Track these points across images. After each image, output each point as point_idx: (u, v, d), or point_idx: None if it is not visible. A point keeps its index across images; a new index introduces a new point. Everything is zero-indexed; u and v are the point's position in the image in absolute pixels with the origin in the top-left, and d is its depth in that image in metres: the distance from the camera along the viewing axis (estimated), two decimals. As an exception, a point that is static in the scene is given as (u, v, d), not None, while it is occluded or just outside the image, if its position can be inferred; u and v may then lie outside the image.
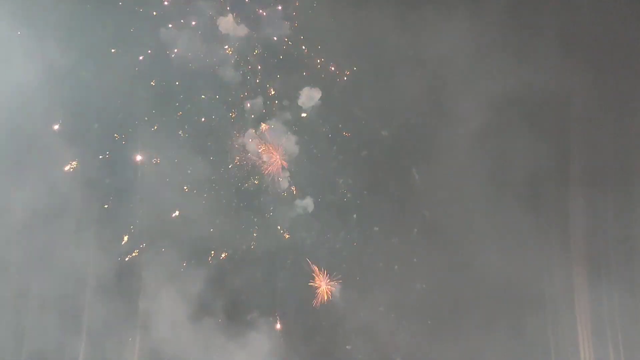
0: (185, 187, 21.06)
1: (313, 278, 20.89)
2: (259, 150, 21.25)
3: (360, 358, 20.68)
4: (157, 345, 19.71)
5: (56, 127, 20.15)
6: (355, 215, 21.63)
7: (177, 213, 20.88)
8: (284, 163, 21.34)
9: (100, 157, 20.69)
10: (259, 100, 21.81)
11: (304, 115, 21.78)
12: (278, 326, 20.83)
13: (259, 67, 21.87)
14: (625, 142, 21.19)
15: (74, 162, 20.16)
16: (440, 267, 20.86)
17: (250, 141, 21.35)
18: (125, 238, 20.55)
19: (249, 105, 21.74)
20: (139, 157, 20.95)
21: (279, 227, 21.38)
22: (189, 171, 21.03)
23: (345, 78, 21.99)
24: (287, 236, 21.33)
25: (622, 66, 21.15)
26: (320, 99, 21.64)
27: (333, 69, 21.95)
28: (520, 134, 21.23)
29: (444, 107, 21.46)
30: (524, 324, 20.50)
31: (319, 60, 21.92)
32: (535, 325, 20.57)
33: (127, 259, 20.44)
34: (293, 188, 21.50)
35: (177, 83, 21.32)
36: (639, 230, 20.51)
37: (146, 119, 21.11)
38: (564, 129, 21.52)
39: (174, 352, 19.80)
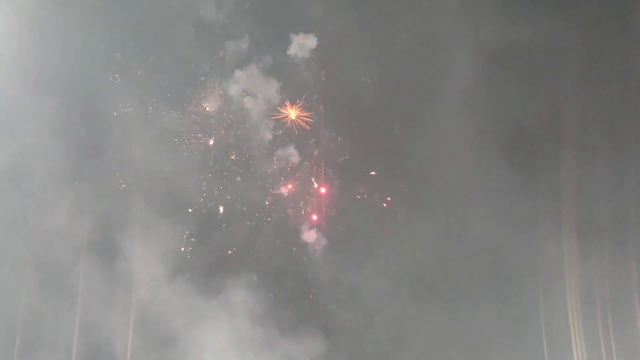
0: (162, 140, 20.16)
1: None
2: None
3: (345, 319, 20.16)
4: (138, 304, 19.07)
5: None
6: (340, 173, 20.92)
7: (156, 166, 19.81)
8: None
9: (75, 108, 19.26)
10: (243, 44, 20.71)
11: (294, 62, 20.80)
12: (261, 285, 20.03)
13: (247, 7, 20.76)
14: (618, 100, 20.47)
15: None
16: (429, 230, 20.20)
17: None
18: (105, 193, 19.62)
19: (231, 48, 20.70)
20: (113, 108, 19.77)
21: (259, 183, 20.59)
22: (166, 120, 20.12)
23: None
24: (272, 191, 20.54)
25: (615, 20, 20.35)
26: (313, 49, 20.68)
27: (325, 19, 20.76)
28: (511, 90, 20.45)
29: (434, 61, 20.57)
30: (513, 290, 20.10)
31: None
32: (525, 292, 20.19)
33: (106, 216, 19.36)
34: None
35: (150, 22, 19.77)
36: (630, 195, 20.11)
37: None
38: (557, 86, 20.83)
39: (156, 310, 19.04)
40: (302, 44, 20.71)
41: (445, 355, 20.02)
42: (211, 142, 20.68)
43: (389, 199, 21.16)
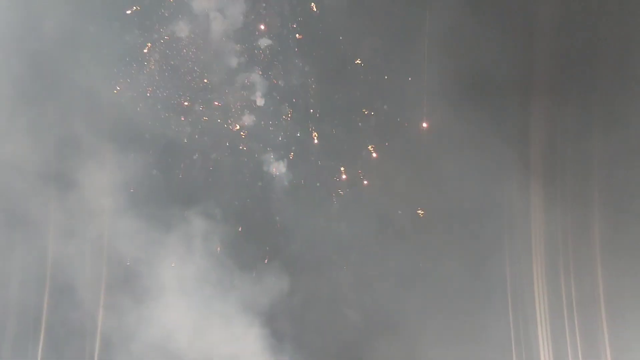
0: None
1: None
2: None
3: (307, 259, 19.59)
4: (96, 237, 18.35)
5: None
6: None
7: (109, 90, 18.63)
8: None
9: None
10: None
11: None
12: (223, 220, 19.31)
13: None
14: (593, 50, 20.09)
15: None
16: (397, 172, 19.97)
17: None
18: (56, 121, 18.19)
19: None
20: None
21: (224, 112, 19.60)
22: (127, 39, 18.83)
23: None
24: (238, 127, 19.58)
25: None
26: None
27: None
28: (486, 37, 19.76)
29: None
30: (479, 234, 20.02)
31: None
32: (490, 236, 20.10)
33: (58, 144, 18.18)
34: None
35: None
36: (597, 144, 19.86)
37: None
38: (531, 36, 20.30)
39: (114, 245, 18.33)
40: None
41: (406, 298, 19.76)
42: (172, 63, 19.34)
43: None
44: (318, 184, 20.03)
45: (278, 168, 19.66)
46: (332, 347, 19.39)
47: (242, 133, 19.69)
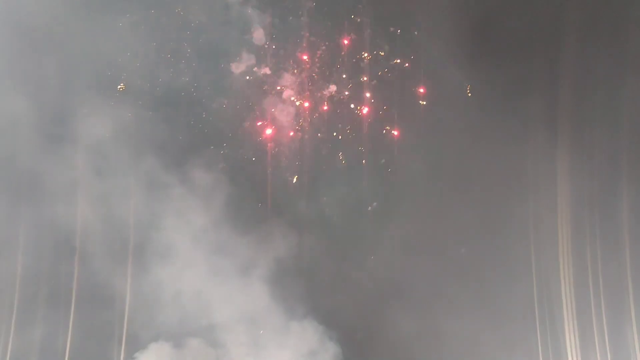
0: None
1: None
2: None
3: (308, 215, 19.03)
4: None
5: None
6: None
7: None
8: None
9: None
10: None
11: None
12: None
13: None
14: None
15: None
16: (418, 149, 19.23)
17: None
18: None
19: None
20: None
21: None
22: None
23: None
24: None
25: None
26: None
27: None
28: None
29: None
30: (501, 197, 18.96)
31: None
32: (514, 199, 19.08)
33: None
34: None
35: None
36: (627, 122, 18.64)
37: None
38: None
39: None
40: None
41: (419, 263, 18.71)
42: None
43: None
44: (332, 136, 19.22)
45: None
46: (342, 311, 18.59)
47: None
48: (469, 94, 19.46)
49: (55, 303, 17.70)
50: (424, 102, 19.42)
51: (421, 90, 19.57)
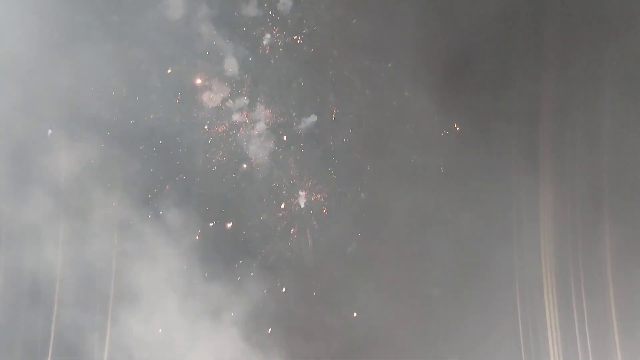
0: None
1: None
2: None
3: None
4: None
5: None
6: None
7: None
8: None
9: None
10: None
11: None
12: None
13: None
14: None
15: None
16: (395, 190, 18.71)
17: None
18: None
19: None
20: None
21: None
22: None
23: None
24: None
25: None
26: None
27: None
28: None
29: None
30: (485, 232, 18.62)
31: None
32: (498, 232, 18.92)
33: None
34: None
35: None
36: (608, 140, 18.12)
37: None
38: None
39: None
40: None
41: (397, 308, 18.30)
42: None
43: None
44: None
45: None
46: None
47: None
48: (447, 132, 19.02)
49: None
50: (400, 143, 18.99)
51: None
